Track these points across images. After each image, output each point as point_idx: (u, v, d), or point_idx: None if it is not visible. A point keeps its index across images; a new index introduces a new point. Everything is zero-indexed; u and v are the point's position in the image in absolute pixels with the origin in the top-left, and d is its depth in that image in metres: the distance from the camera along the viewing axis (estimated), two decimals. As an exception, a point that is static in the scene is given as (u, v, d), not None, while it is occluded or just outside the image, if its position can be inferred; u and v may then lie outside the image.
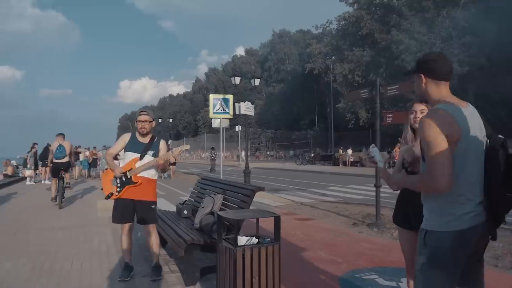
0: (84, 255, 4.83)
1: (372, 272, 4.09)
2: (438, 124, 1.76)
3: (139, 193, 3.88)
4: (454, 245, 1.79)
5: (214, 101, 13.11)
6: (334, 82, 40.39)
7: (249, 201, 3.85)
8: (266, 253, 2.67)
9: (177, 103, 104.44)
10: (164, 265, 4.32)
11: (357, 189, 13.20)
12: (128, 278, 3.81)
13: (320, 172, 23.21)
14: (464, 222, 1.78)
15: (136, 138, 3.99)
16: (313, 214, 7.93)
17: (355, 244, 5.38)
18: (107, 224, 6.91)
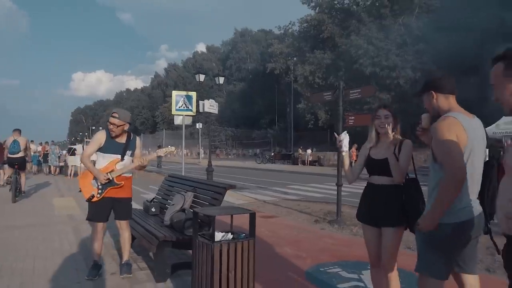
0: (46, 255, 4.69)
1: (336, 266, 4.33)
2: (449, 128, 2.07)
3: (120, 191, 3.88)
4: (454, 233, 2.10)
5: (177, 98, 13.02)
6: (295, 82, 41.13)
7: (220, 199, 3.95)
8: (242, 248, 2.78)
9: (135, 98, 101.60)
10: (132, 262, 4.30)
11: (317, 187, 13.62)
12: (96, 277, 3.77)
13: (280, 171, 23.63)
14: (462, 215, 2.09)
15: (111, 138, 3.90)
16: (276, 212, 8.14)
17: (318, 240, 5.62)
18: (67, 222, 6.72)
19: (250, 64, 64.16)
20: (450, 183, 2.05)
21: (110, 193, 3.86)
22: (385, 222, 2.69)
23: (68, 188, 12.56)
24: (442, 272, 2.17)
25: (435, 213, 2.11)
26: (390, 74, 28.56)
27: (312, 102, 26.89)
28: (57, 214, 7.53)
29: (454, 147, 2.05)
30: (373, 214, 2.77)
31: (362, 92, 6.40)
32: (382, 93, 28.82)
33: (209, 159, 14.09)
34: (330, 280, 3.89)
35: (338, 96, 6.58)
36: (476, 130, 2.16)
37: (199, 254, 2.85)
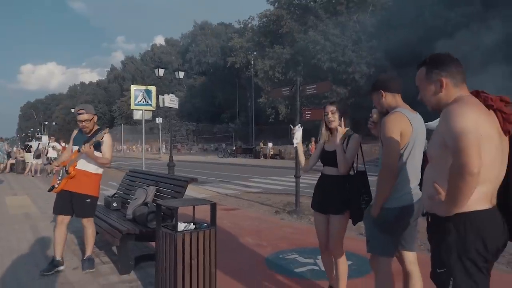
0: (2, 252, 4.60)
1: (293, 252, 4.59)
2: (396, 122, 2.37)
3: (75, 185, 3.90)
4: (398, 216, 2.40)
5: (135, 93, 12.81)
6: (256, 77, 41.42)
7: (182, 192, 4.07)
8: (203, 237, 2.93)
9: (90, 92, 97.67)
10: (95, 257, 4.33)
11: (278, 180, 13.97)
12: (51, 272, 3.76)
13: (242, 164, 23.86)
14: (405, 200, 2.39)
15: (81, 133, 4.02)
16: (238, 204, 8.34)
17: (277, 229, 5.89)
18: (23, 221, 6.55)
19: (211, 58, 63.71)
20: (384, 173, 2.35)
21: (67, 186, 3.88)
22: (331, 210, 2.95)
23: (21, 186, 12.05)
24: (391, 250, 2.48)
25: (378, 200, 2.40)
26: (346, 69, 29.54)
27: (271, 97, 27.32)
28: (12, 214, 7.29)
29: (393, 144, 2.34)
30: (322, 202, 3.03)
31: (318, 88, 6.71)
32: (339, 87, 29.75)
33: (170, 154, 14.02)
34: (288, 266, 4.15)
35: (295, 91, 6.84)
36: (418, 123, 2.46)
37: (162, 245, 2.98)
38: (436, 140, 1.82)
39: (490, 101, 1.85)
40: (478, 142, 1.60)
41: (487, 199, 1.73)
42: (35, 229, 5.93)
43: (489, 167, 1.70)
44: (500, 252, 1.79)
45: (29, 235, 5.52)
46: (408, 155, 2.40)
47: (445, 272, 1.72)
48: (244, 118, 53.24)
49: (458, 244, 1.69)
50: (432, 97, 1.91)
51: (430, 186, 1.81)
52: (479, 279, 1.69)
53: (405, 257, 2.61)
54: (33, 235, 5.54)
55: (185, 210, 4.33)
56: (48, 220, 6.53)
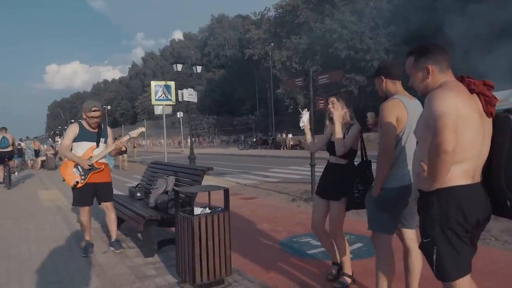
0: (39, 240, 5.01)
1: (307, 236, 4.80)
2: (393, 108, 2.52)
3: (101, 176, 4.27)
4: (398, 195, 2.56)
5: (156, 88, 13.18)
6: (273, 68, 41.40)
7: (200, 180, 4.32)
8: (218, 220, 3.18)
9: (113, 89, 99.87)
10: (122, 242, 4.68)
11: (296, 170, 14.15)
12: (92, 254, 4.16)
13: (262, 156, 24.10)
14: (403, 180, 2.55)
15: (85, 128, 4.29)
16: (256, 194, 8.59)
17: (293, 216, 6.10)
18: (56, 212, 7.01)
19: (229, 51, 63.93)
20: (382, 156, 2.52)
21: (92, 179, 4.24)
22: (330, 196, 3.14)
23: (51, 181, 12.70)
24: (391, 228, 2.66)
25: (377, 181, 2.58)
26: (364, 56, 29.18)
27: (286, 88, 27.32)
28: (45, 206, 7.79)
29: (390, 128, 2.50)
30: (324, 188, 3.22)
31: (330, 77, 6.82)
32: (357, 75, 29.46)
33: (190, 146, 14.38)
34: (301, 248, 4.37)
35: (308, 81, 6.98)
36: (416, 109, 2.60)
37: (181, 228, 3.24)
38: (421, 123, 1.99)
39: (473, 85, 1.99)
40: (454, 124, 1.76)
41: (469, 176, 1.89)
42: (66, 219, 6.36)
43: (469, 146, 1.85)
44: (482, 224, 1.94)
45: (62, 225, 5.94)
46: (406, 139, 2.56)
47: (430, 242, 1.90)
48: (263, 109, 53.37)
49: (440, 216, 1.86)
50: (420, 84, 2.07)
51: (417, 165, 1.98)
52: (461, 248, 1.85)
53: (404, 234, 2.77)
54: (65, 224, 5.97)
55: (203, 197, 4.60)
56: (77, 211, 6.94)
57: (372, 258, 3.89)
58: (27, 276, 3.69)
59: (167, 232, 4.99)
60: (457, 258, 1.85)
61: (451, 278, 1.88)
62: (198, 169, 4.54)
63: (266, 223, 5.60)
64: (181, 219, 3.23)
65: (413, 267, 2.71)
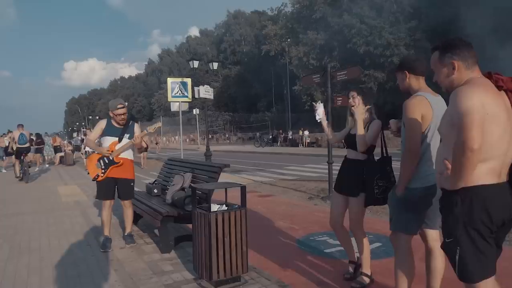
0: (59, 235, 5.14)
1: (324, 235, 4.79)
2: (417, 106, 2.46)
3: (121, 172, 4.39)
4: (423, 195, 2.51)
5: (172, 85, 13.32)
6: (290, 64, 41.20)
7: (216, 177, 4.36)
8: (235, 217, 3.20)
9: (130, 86, 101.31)
10: (139, 239, 4.77)
11: (313, 167, 14.09)
12: (110, 249, 4.25)
13: (278, 153, 24.09)
14: (429, 180, 2.48)
15: (112, 125, 4.47)
16: (273, 191, 8.60)
17: (310, 214, 6.09)
18: (75, 207, 7.17)
19: (245, 47, 63.86)
20: (407, 155, 2.47)
21: (112, 173, 4.37)
22: (348, 192, 3.12)
23: (70, 176, 12.99)
24: (413, 228, 2.60)
25: (402, 180, 2.53)
26: (384, 52, 28.76)
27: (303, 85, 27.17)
28: (64, 201, 7.98)
29: (415, 126, 2.44)
30: (343, 184, 3.20)
31: (348, 74, 6.75)
32: (377, 71, 29.07)
33: (206, 143, 14.51)
34: (318, 246, 4.36)
35: (326, 78, 6.93)
36: (440, 106, 2.54)
37: (198, 224, 3.28)
38: (446, 120, 1.95)
39: (501, 82, 1.95)
40: (480, 121, 1.72)
41: (495, 174, 1.84)
42: (85, 214, 6.51)
43: (496, 145, 1.81)
44: (508, 225, 1.90)
45: (80, 219, 6.08)
46: (431, 137, 2.49)
47: (453, 241, 1.87)
48: (280, 106, 53.21)
49: (464, 215, 1.83)
50: (445, 79, 2.03)
51: (441, 163, 1.95)
52: (485, 248, 1.82)
53: (428, 235, 2.72)
54: (84, 219, 6.11)
55: (219, 195, 4.63)
56: (96, 206, 7.11)
57: (391, 258, 3.85)
58: (47, 270, 3.79)
59: (184, 229, 5.05)
60: (481, 259, 1.82)
61: (474, 280, 1.85)
62: (214, 166, 4.58)
63: (282, 221, 5.60)
64: (198, 216, 3.27)
65: (436, 268, 2.67)
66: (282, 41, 45.52)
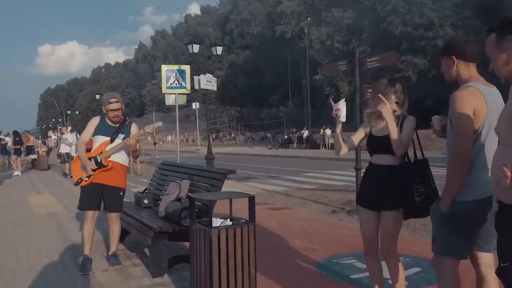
0: (28, 254, 5.21)
1: (351, 257, 4.76)
2: (468, 99, 2.40)
3: (109, 178, 4.44)
4: (475, 211, 2.43)
5: (167, 73, 13.41)
6: (311, 48, 41.14)
7: (219, 185, 4.37)
8: (241, 234, 3.20)
9: (116, 75, 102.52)
10: (126, 259, 4.80)
11: (337, 174, 14.04)
12: (91, 272, 4.29)
13: (295, 156, 24.09)
14: (484, 191, 2.41)
15: (106, 122, 4.55)
16: (287, 203, 8.61)
17: (334, 231, 6.06)
18: (49, 221, 7.26)
19: (255, 28, 64.02)
20: (455, 159, 2.42)
21: (98, 178, 4.42)
22: (382, 205, 3.08)
23: (44, 183, 13.15)
24: (462, 251, 2.53)
25: (448, 192, 2.46)
26: (426, 34, 28.55)
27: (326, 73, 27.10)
28: (36, 213, 8.07)
29: (465, 123, 2.38)
30: (372, 196, 3.16)
31: (381, 60, 6.71)
32: (416, 57, 28.87)
33: (208, 145, 14.56)
34: (343, 271, 4.34)
35: (354, 65, 6.90)
36: (496, 101, 2.47)
37: (197, 242, 3.29)
38: (505, 117, 1.91)
39: None
40: None
41: None
42: (61, 229, 6.57)
43: None
44: None
45: (55, 236, 6.15)
46: (485, 137, 2.43)
47: (510, 266, 1.83)
48: (297, 100, 53.21)
49: (525, 235, 1.80)
50: (504, 67, 1.99)
51: (498, 170, 1.91)
52: None
53: (479, 259, 2.65)
54: (59, 235, 6.16)
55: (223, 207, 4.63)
56: (74, 220, 7.18)
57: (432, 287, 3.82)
58: (15, 295, 3.84)
59: (180, 248, 5.07)
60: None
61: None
62: (217, 172, 4.59)
63: (299, 240, 5.60)
64: (197, 232, 3.28)
65: (489, 299, 2.63)
66: (300, 20, 45.45)
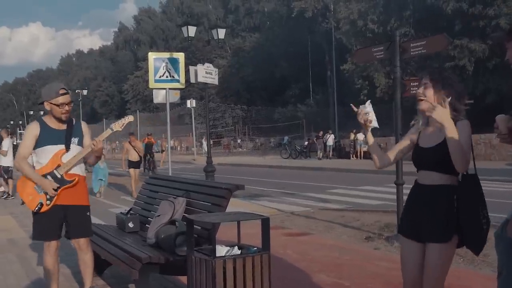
0: (-15, 290, 5.31)
1: (390, 296, 4.80)
2: None
3: (73, 196, 4.42)
4: None
5: (155, 63, 13.52)
6: (337, 30, 41.14)
7: (223, 205, 4.43)
8: (252, 265, 3.26)
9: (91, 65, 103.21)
10: (105, 297, 4.88)
11: (373, 191, 14.08)
12: None
13: (318, 168, 24.07)
14: None
15: (48, 126, 4.48)
16: (309, 227, 8.65)
17: (368, 263, 6.10)
18: (8, 249, 7.38)
19: (267, 4, 64.18)
20: None
21: (62, 199, 4.38)
22: (430, 236, 3.10)
23: (1, 203, 13.31)
24: None
25: None
26: (485, 11, 28.44)
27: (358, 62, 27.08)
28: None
29: None
30: (415, 225, 3.19)
31: (429, 45, 6.73)
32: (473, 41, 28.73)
33: (208, 154, 14.64)
34: (380, 314, 4.37)
35: (393, 51, 6.94)
36: None
37: (196, 276, 3.35)
38: None
39: None
40: None
41: None
42: (23, 258, 6.68)
43: None
44: None
45: (17, 267, 6.24)
46: None
47: None
48: (320, 96, 53.14)
49: None
50: None
51: None
52: None
53: None
54: (21, 266, 6.27)
55: (228, 232, 4.69)
56: (39, 247, 7.25)
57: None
58: None
59: (174, 283, 5.12)
60: None
61: None
62: (221, 187, 4.64)
63: (324, 273, 5.63)
64: (197, 263, 3.34)
65: None
66: (324, -6, 45.59)
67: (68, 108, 4.42)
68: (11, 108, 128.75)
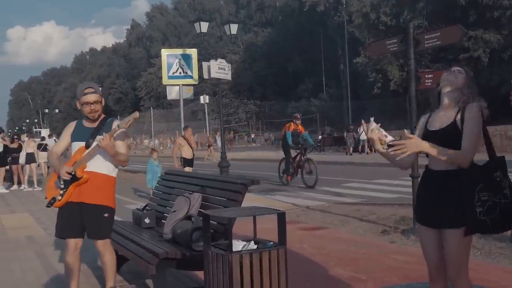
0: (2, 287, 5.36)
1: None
2: None
3: (88, 194, 4.32)
4: None
5: (168, 60, 13.58)
6: (350, 24, 40.96)
7: (239, 200, 4.43)
8: (269, 260, 3.26)
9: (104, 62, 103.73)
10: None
11: (388, 184, 14.03)
12: None
13: (333, 162, 24.02)
14: None
15: (82, 124, 4.53)
16: (325, 222, 8.64)
17: (384, 257, 6.07)
18: (27, 247, 7.45)
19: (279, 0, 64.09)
20: None
21: (75, 196, 4.33)
22: (444, 222, 3.08)
23: (19, 201, 13.43)
24: None
25: None
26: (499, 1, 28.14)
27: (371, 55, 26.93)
28: (12, 237, 8.29)
29: None
30: (430, 211, 3.16)
31: (443, 37, 6.68)
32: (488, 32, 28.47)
33: (222, 149, 14.67)
34: (397, 307, 4.36)
35: (407, 44, 6.90)
36: None
37: (213, 270, 3.36)
38: None
39: None
40: None
41: None
42: (42, 256, 6.74)
43: None
44: None
45: (36, 264, 6.30)
46: None
47: None
48: (334, 90, 52.99)
49: None
50: None
51: None
52: None
53: None
54: (40, 263, 6.33)
55: (244, 227, 4.70)
56: (57, 243, 7.33)
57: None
58: None
59: (191, 278, 5.15)
60: None
61: None
62: (236, 182, 4.65)
63: (340, 268, 5.62)
64: (213, 258, 3.35)
65: None
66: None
67: (94, 107, 4.40)
68: (26, 106, 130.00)
